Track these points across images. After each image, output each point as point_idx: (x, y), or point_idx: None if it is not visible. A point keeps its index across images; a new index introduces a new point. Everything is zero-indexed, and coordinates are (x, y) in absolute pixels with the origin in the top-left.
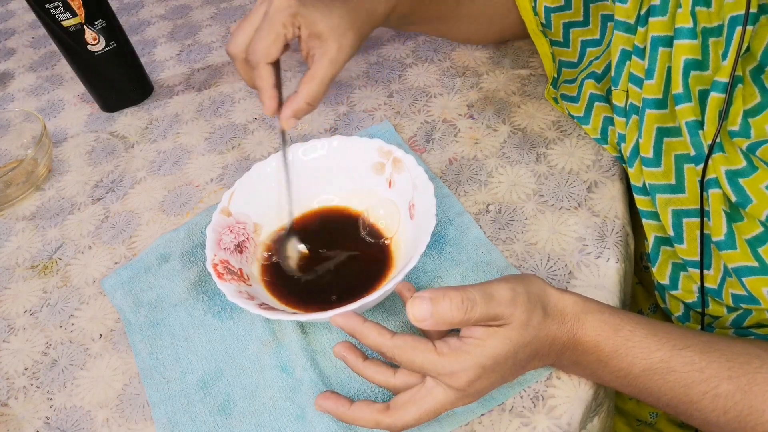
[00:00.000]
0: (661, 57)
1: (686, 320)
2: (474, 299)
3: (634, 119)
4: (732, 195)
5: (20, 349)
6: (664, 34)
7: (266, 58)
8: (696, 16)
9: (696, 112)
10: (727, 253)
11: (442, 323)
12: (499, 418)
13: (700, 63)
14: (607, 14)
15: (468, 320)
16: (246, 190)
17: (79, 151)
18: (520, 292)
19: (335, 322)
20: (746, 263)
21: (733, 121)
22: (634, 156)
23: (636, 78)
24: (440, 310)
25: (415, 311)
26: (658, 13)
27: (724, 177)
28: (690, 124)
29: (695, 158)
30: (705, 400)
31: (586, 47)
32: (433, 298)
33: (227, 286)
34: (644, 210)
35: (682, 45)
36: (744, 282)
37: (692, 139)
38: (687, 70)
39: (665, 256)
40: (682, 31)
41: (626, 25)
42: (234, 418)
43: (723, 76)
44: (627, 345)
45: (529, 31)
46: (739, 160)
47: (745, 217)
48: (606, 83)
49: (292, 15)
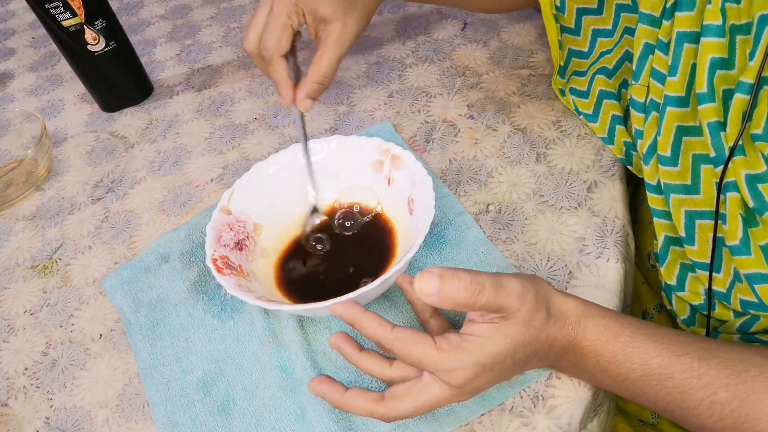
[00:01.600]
0: (686, 54)
1: (691, 323)
2: (483, 284)
3: (654, 116)
4: (750, 200)
5: (20, 349)
6: (690, 30)
7: (278, 51)
8: (726, 13)
9: (719, 112)
10: (740, 258)
11: (447, 301)
12: (499, 418)
13: (727, 62)
14: (621, 4)
15: (474, 304)
16: (246, 189)
17: (79, 151)
18: (529, 289)
19: (335, 311)
20: (760, 270)
21: (757, 124)
22: (650, 153)
23: (658, 74)
24: (448, 288)
25: (422, 285)
26: (684, 8)
27: (743, 181)
28: (712, 125)
29: (715, 160)
30: (702, 406)
31: (597, 37)
32: (443, 275)
33: (227, 279)
34: (656, 209)
35: (709, 43)
36: (756, 289)
37: (713, 140)
38: (713, 69)
39: (674, 257)
40: (710, 28)
41: (650, 18)
42: (234, 418)
43: (749, 77)
44: (626, 350)
45: (543, 12)
46: (760, 165)
47: (760, 223)
48: (618, 79)
49: (294, 4)
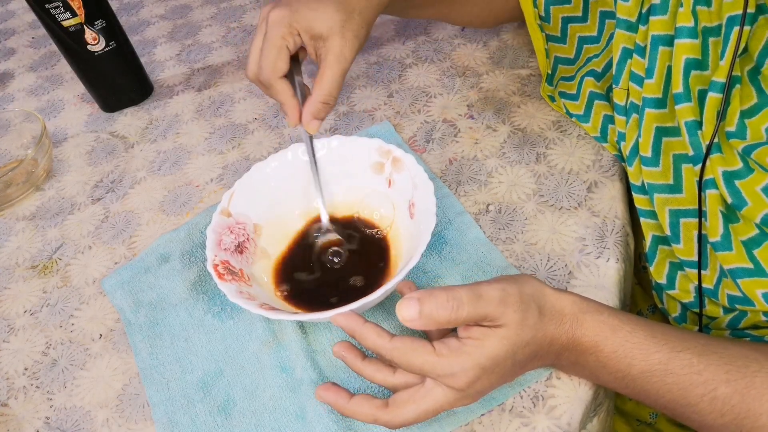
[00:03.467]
0: (661, 56)
1: (683, 321)
2: (460, 298)
3: (634, 118)
4: (728, 196)
5: (20, 349)
6: (664, 33)
7: (276, 74)
8: (697, 15)
9: (695, 112)
10: (723, 254)
11: (431, 323)
12: (499, 418)
13: (701, 63)
14: (605, 11)
15: (456, 319)
16: (246, 190)
17: (79, 151)
18: (511, 292)
19: (336, 322)
20: (741, 265)
21: (730, 121)
22: (633, 155)
23: (637, 76)
24: (427, 310)
25: (403, 312)
26: (658, 12)
27: (720, 178)
28: (689, 124)
29: (693, 158)
30: (703, 402)
31: (584, 44)
32: (421, 298)
33: (228, 286)
34: (642, 209)
35: (683, 44)
36: (739, 283)
37: (691, 139)
38: (687, 69)
39: (663, 256)
40: (683, 30)
41: (628, 23)
42: (234, 418)
43: (720, 76)
44: (626, 346)
45: (527, 23)
46: (736, 162)
47: (741, 219)
48: (606, 81)
49: (287, 25)
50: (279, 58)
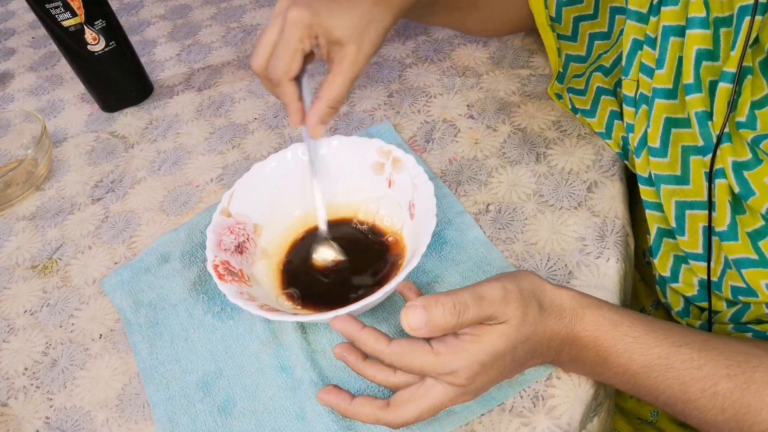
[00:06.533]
0: (672, 47)
1: (686, 315)
2: (466, 302)
3: (644, 109)
4: (736, 186)
5: (20, 349)
6: (675, 24)
7: (287, 76)
8: (709, 5)
9: (706, 102)
10: (728, 244)
11: (437, 330)
12: (499, 418)
13: (712, 53)
14: (616, 6)
15: (462, 324)
16: (246, 190)
17: (79, 151)
18: (511, 289)
19: (334, 327)
20: (746, 255)
21: (741, 112)
22: (641, 146)
23: (647, 68)
24: (434, 317)
25: (410, 321)
26: (669, 3)
27: (730, 168)
28: (699, 115)
29: (703, 149)
30: (703, 398)
31: (594, 40)
32: (426, 305)
33: (228, 287)
34: (648, 201)
35: (694, 35)
36: (743, 274)
37: (701, 130)
38: (699, 60)
39: (667, 248)
40: (695, 20)
41: (639, 15)
42: (234, 418)
43: (731, 66)
44: (626, 340)
45: (537, 24)
46: (745, 152)
47: (747, 211)
48: (614, 77)
49: (307, 27)
50: (294, 60)
